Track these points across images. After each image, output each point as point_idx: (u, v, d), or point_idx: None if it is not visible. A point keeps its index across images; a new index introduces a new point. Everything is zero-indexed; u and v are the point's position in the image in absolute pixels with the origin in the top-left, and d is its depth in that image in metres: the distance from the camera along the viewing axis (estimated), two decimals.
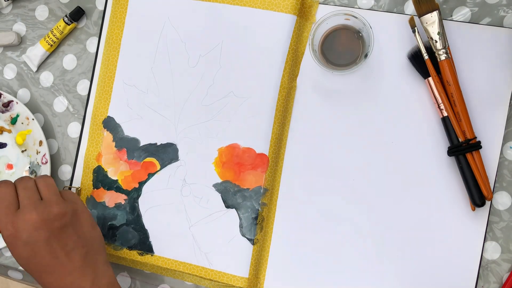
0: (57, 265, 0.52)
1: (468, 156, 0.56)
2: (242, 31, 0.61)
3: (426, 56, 0.57)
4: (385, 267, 0.59)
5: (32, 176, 0.58)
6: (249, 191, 0.60)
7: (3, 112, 0.66)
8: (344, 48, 0.58)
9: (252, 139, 0.61)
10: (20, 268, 0.66)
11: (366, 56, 0.55)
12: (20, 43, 0.69)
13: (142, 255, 0.62)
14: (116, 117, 0.64)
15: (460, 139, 0.56)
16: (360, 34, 0.57)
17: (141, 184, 0.63)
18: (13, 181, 0.55)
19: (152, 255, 0.62)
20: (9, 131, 0.67)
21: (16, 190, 0.54)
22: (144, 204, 0.63)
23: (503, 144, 0.58)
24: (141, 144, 0.63)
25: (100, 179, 0.64)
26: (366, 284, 0.59)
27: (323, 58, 0.58)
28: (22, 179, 0.55)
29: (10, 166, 0.67)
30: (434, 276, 0.58)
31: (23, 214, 0.52)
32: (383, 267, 0.59)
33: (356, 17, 0.55)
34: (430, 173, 0.58)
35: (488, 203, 0.57)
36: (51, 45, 0.66)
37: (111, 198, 0.63)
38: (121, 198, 0.63)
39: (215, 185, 0.61)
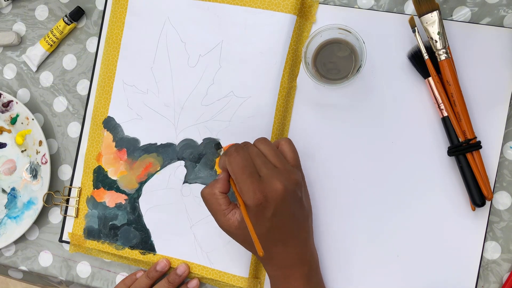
0: (288, 238, 0.52)
1: (468, 156, 0.56)
2: (242, 31, 0.61)
3: (426, 56, 0.57)
4: (385, 267, 0.59)
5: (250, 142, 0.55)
6: None
7: (3, 112, 0.66)
8: (337, 62, 0.58)
9: (252, 139, 0.60)
10: (20, 267, 0.66)
11: (358, 70, 0.55)
12: (20, 43, 0.69)
13: (144, 254, 0.62)
14: (116, 117, 0.64)
15: (460, 139, 0.56)
16: (353, 49, 0.57)
17: (141, 184, 0.63)
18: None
19: (154, 254, 0.62)
20: (9, 131, 0.67)
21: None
22: (144, 204, 0.63)
23: (503, 144, 0.58)
24: (141, 144, 0.63)
25: (101, 179, 0.64)
26: (366, 283, 0.59)
27: (316, 72, 0.58)
28: (247, 145, 0.53)
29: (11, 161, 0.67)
30: (434, 276, 0.58)
31: (269, 183, 0.49)
32: (383, 266, 0.59)
33: (349, 32, 0.55)
34: (430, 173, 0.58)
35: (488, 203, 0.57)
36: (51, 45, 0.66)
37: (111, 198, 0.63)
38: (122, 198, 0.63)
39: None
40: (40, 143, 0.65)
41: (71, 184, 0.65)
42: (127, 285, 0.62)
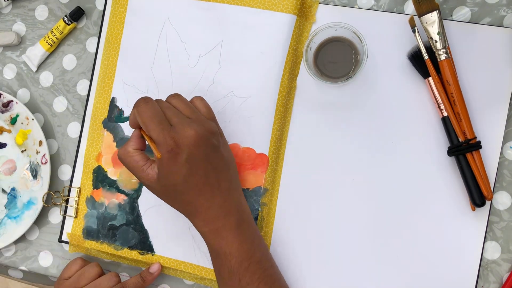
0: (208, 186, 0.51)
1: (468, 156, 0.56)
2: (242, 31, 0.61)
3: (426, 56, 0.57)
4: (385, 267, 0.59)
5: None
6: (249, 191, 0.60)
7: (3, 112, 0.66)
8: (338, 60, 0.58)
9: (252, 139, 0.61)
10: (20, 267, 0.66)
11: (359, 68, 0.55)
12: (20, 43, 0.69)
13: (143, 254, 0.62)
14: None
15: (460, 139, 0.56)
16: (354, 47, 0.57)
17: (141, 184, 0.63)
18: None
19: (153, 255, 0.62)
20: (9, 131, 0.67)
21: None
22: (143, 204, 0.63)
23: (503, 144, 0.58)
24: None
25: (100, 179, 0.64)
26: (366, 283, 0.59)
27: (317, 70, 0.58)
28: (158, 100, 0.53)
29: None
30: (434, 276, 0.58)
31: (181, 130, 0.49)
32: (383, 267, 0.59)
33: (350, 30, 0.55)
34: (430, 173, 0.58)
35: (488, 203, 0.57)
36: (51, 45, 0.66)
37: (110, 198, 0.63)
38: (121, 198, 0.63)
39: None
40: (40, 143, 0.65)
41: (70, 184, 0.65)
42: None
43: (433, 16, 0.56)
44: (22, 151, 0.67)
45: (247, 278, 0.52)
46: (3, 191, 0.67)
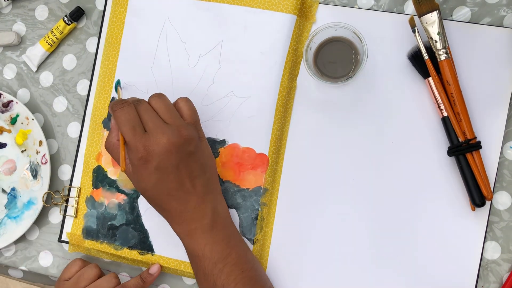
0: (182, 191, 0.52)
1: (468, 156, 0.56)
2: (242, 31, 0.61)
3: (426, 56, 0.57)
4: (385, 267, 0.59)
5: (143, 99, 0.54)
6: (249, 191, 0.60)
7: (3, 112, 0.66)
8: (338, 60, 0.58)
9: (252, 139, 0.61)
10: (20, 267, 0.66)
11: (359, 68, 0.55)
12: (20, 43, 0.69)
13: (142, 254, 0.62)
14: None
15: (460, 139, 0.56)
16: (354, 47, 0.57)
17: None
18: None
19: (152, 255, 0.62)
20: (9, 131, 0.67)
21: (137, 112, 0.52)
22: (143, 204, 0.63)
23: (503, 144, 0.58)
24: None
25: (100, 179, 0.64)
26: (366, 283, 0.59)
27: (317, 70, 0.58)
28: (139, 101, 0.53)
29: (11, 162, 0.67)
30: (434, 276, 0.58)
31: (154, 137, 0.50)
32: (383, 267, 0.59)
33: (350, 30, 0.55)
34: (430, 173, 0.58)
35: (488, 203, 0.57)
36: (51, 45, 0.66)
37: (110, 198, 0.63)
38: (121, 198, 0.63)
39: None
40: (40, 143, 0.65)
41: (70, 184, 0.65)
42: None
43: (433, 16, 0.56)
44: (22, 151, 0.67)
45: (222, 280, 0.52)
46: (3, 191, 0.67)
